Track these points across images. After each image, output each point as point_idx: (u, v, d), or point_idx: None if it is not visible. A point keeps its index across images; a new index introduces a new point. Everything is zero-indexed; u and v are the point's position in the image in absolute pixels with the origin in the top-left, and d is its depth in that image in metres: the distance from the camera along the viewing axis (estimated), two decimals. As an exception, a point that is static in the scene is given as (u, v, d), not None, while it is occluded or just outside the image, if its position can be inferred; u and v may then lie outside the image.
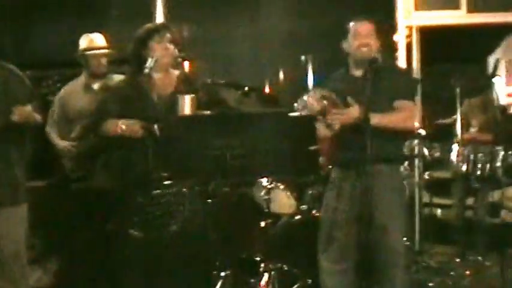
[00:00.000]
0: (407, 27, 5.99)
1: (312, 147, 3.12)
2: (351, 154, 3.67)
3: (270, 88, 5.97)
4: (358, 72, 3.93)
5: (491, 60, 8.00)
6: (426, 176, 5.59)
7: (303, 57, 5.55)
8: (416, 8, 5.96)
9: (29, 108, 3.90)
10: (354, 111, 3.65)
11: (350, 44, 3.93)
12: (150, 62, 3.71)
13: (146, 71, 3.69)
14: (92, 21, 6.15)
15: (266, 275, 4.41)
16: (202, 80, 3.97)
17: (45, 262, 5.05)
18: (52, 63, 5.84)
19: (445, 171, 5.47)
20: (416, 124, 4.05)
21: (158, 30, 3.91)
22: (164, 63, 3.90)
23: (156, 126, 3.59)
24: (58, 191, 5.11)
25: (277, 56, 6.35)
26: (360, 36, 3.89)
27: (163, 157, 3.37)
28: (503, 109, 6.11)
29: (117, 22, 6.23)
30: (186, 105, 3.60)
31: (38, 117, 4.14)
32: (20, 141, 4.07)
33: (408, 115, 3.84)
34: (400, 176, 4.02)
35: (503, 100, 6.97)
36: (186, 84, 3.91)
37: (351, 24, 3.96)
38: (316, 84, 5.35)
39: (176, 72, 4.00)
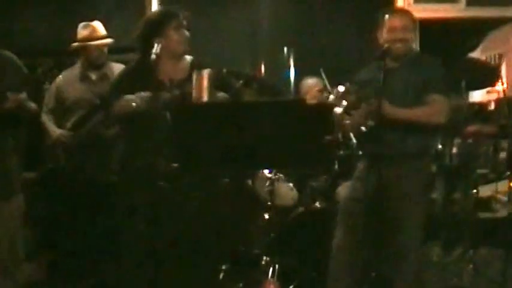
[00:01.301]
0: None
1: (328, 137, 3.01)
2: (377, 147, 3.60)
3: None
4: (392, 64, 3.80)
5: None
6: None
7: (285, 50, 5.48)
8: (416, 1, 5.92)
9: (24, 95, 3.79)
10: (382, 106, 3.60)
11: (384, 37, 3.81)
12: (156, 48, 3.55)
13: (153, 56, 3.52)
14: (81, 7, 6.02)
15: (270, 269, 4.35)
16: (216, 68, 3.81)
17: (37, 256, 4.91)
18: (42, 51, 5.68)
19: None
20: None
21: (175, 15, 3.70)
22: (180, 51, 3.74)
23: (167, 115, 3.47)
24: (50, 183, 4.97)
25: (261, 48, 6.22)
26: (395, 30, 3.77)
27: (173, 146, 3.24)
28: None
29: (108, 9, 6.05)
30: (204, 91, 3.44)
31: (33, 105, 4.02)
32: (14, 131, 3.97)
33: (435, 110, 3.70)
34: (424, 171, 3.85)
35: (482, 97, 6.99)
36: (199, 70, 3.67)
37: (386, 16, 3.82)
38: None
39: (189, 58, 3.83)
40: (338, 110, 3.73)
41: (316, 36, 6.24)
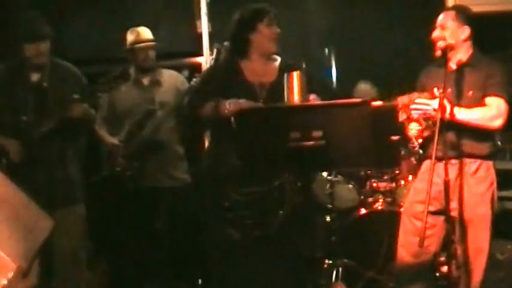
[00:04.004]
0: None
1: (394, 137, 2.95)
2: (440, 148, 3.45)
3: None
4: (451, 65, 3.67)
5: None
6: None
7: (326, 50, 5.42)
8: (466, -5, 5.77)
9: (85, 105, 3.82)
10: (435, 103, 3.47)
11: None
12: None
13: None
14: (129, 16, 6.02)
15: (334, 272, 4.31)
16: (305, 68, 3.67)
17: (95, 264, 4.91)
18: (96, 60, 5.70)
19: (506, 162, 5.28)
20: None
21: (267, 11, 3.69)
22: (271, 48, 3.71)
23: None
24: (105, 189, 4.97)
25: (302, 48, 6.15)
26: (435, 29, 3.67)
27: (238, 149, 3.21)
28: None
29: (155, 17, 6.04)
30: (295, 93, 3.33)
31: (93, 113, 4.06)
32: (75, 139, 4.00)
33: (494, 113, 3.53)
34: (488, 173, 3.69)
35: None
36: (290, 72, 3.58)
37: None
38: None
39: (279, 58, 3.79)
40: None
41: (364, 37, 6.15)
